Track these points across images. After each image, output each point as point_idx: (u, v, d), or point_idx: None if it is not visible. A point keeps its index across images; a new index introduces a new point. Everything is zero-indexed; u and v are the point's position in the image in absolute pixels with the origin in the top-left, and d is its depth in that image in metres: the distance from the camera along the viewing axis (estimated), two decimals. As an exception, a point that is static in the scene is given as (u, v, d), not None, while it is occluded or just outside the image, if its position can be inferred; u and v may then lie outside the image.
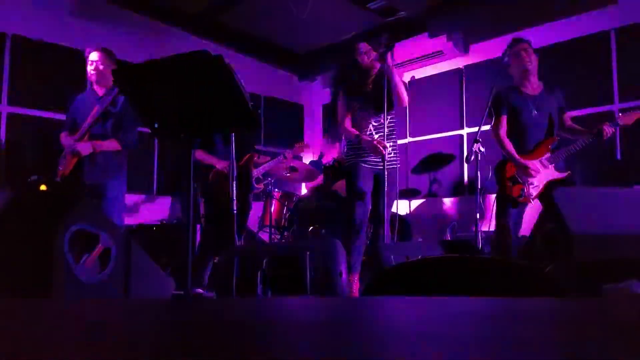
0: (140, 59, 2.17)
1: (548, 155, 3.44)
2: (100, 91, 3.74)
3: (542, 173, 3.42)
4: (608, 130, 3.31)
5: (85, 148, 3.56)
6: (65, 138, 3.69)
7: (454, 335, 0.65)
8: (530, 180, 3.41)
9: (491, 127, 3.59)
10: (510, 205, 3.47)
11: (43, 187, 3.80)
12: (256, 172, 3.72)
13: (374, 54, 3.37)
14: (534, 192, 3.40)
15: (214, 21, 6.01)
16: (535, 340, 0.60)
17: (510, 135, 3.53)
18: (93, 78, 3.73)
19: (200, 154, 3.71)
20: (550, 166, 3.43)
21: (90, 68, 3.71)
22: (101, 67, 3.68)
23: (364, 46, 3.41)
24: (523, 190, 3.41)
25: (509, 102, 3.53)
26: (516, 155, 3.45)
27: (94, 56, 3.70)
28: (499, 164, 3.59)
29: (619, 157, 4.49)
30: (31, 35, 4.88)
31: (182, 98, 2.09)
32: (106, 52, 3.72)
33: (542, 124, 3.51)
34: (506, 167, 3.51)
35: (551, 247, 2.32)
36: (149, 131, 2.24)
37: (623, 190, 3.12)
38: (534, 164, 3.42)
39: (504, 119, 3.55)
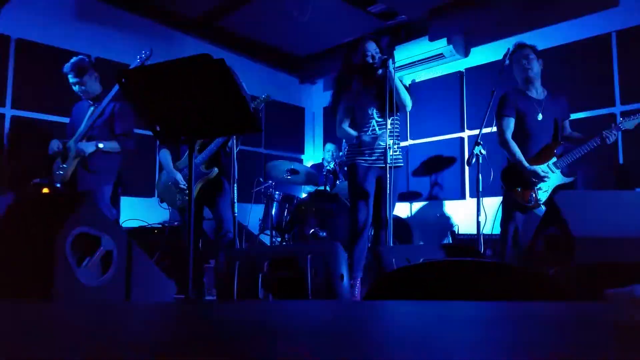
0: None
1: (555, 159, 3.43)
2: (92, 99, 3.76)
3: (551, 178, 3.41)
4: (610, 136, 3.28)
5: (89, 146, 3.58)
6: (53, 141, 3.68)
7: (456, 339, 0.65)
8: (539, 185, 3.40)
9: (497, 129, 3.57)
10: (518, 211, 3.45)
11: (45, 190, 3.81)
12: (200, 158, 3.57)
13: (378, 56, 3.35)
14: (542, 197, 3.39)
15: (216, 25, 6.02)
16: (539, 344, 0.60)
17: (515, 138, 3.51)
18: (79, 94, 3.76)
19: (164, 156, 3.73)
20: (557, 171, 3.42)
21: (74, 88, 3.72)
22: (83, 87, 3.69)
23: (372, 47, 3.39)
24: (532, 195, 3.39)
25: (516, 104, 3.51)
26: (524, 162, 3.42)
27: (71, 78, 3.68)
28: (506, 169, 3.56)
29: (621, 161, 4.49)
30: (35, 38, 4.90)
31: (184, 101, 2.10)
32: (79, 68, 3.67)
33: (548, 128, 3.50)
34: (514, 173, 3.49)
35: (553, 250, 2.32)
36: (151, 134, 2.25)
37: (625, 193, 3.12)
38: (541, 168, 3.41)
39: (512, 122, 3.52)
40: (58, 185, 3.61)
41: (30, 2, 4.86)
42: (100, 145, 3.60)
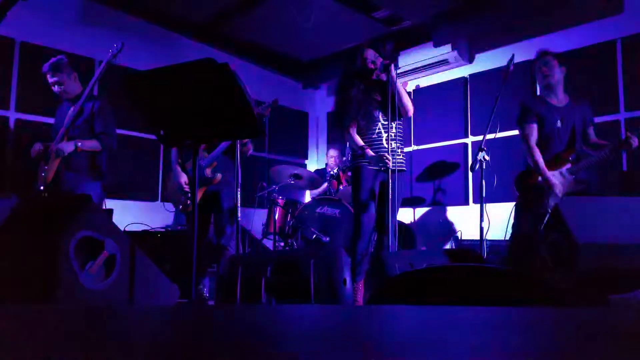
0: (146, 67, 2.18)
1: (569, 166, 3.41)
2: (73, 100, 3.75)
3: (563, 184, 3.39)
4: (634, 140, 3.26)
5: (67, 146, 3.55)
6: (35, 144, 3.67)
7: (458, 344, 0.65)
8: (550, 191, 3.39)
9: (521, 137, 3.57)
10: (529, 216, 3.45)
11: (49, 194, 3.81)
12: (205, 161, 3.50)
13: (380, 61, 3.35)
14: (552, 203, 3.38)
15: (220, 30, 6.05)
16: (542, 350, 0.60)
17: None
18: (60, 94, 3.76)
19: (173, 156, 3.72)
20: (570, 177, 3.40)
21: (53, 89, 3.73)
22: (61, 87, 3.70)
23: (371, 54, 3.39)
24: (544, 202, 3.38)
25: (536, 111, 3.52)
26: (545, 170, 3.40)
27: (49, 78, 3.69)
28: (520, 174, 3.57)
29: (625, 167, 4.47)
30: (39, 42, 4.92)
31: (188, 105, 2.10)
32: (57, 68, 3.67)
33: (564, 135, 3.49)
34: (528, 178, 3.49)
35: (557, 256, 2.31)
36: (154, 137, 2.26)
37: (628, 199, 3.10)
38: (556, 177, 3.40)
39: (534, 128, 3.52)
40: (41, 187, 3.55)
41: (35, 5, 4.88)
42: (79, 144, 3.57)
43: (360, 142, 3.37)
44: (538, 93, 3.62)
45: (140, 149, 5.45)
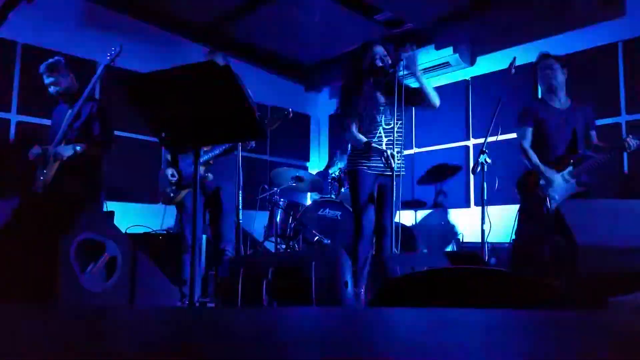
0: (148, 69, 2.18)
1: (570, 169, 3.42)
2: (69, 101, 3.72)
3: (564, 187, 3.40)
4: (632, 142, 3.27)
5: (66, 150, 3.52)
6: (34, 148, 3.63)
7: (459, 346, 0.65)
8: (552, 195, 3.40)
9: (517, 139, 3.60)
10: (532, 220, 3.45)
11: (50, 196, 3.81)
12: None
13: (387, 60, 3.33)
14: (555, 206, 3.38)
15: (222, 32, 6.06)
16: (541, 352, 0.60)
17: (533, 147, 3.53)
18: (56, 95, 3.72)
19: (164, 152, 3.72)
20: (572, 180, 3.41)
21: (50, 89, 3.69)
22: (57, 87, 3.66)
23: (380, 51, 3.35)
24: (546, 205, 3.39)
25: (536, 114, 3.53)
26: (540, 165, 3.43)
27: (46, 79, 3.65)
28: (522, 177, 3.58)
29: (626, 170, 4.47)
30: (41, 44, 4.93)
31: (190, 108, 2.10)
32: (53, 68, 3.63)
33: (565, 138, 3.50)
34: (530, 180, 3.50)
35: (558, 259, 2.31)
36: (156, 140, 2.26)
37: (630, 202, 3.10)
38: (557, 178, 3.41)
39: (529, 131, 3.55)
40: (39, 191, 3.51)
41: (37, 7, 4.88)
42: (78, 148, 3.54)
43: (364, 138, 3.33)
44: (540, 96, 3.62)
45: (141, 151, 5.45)
